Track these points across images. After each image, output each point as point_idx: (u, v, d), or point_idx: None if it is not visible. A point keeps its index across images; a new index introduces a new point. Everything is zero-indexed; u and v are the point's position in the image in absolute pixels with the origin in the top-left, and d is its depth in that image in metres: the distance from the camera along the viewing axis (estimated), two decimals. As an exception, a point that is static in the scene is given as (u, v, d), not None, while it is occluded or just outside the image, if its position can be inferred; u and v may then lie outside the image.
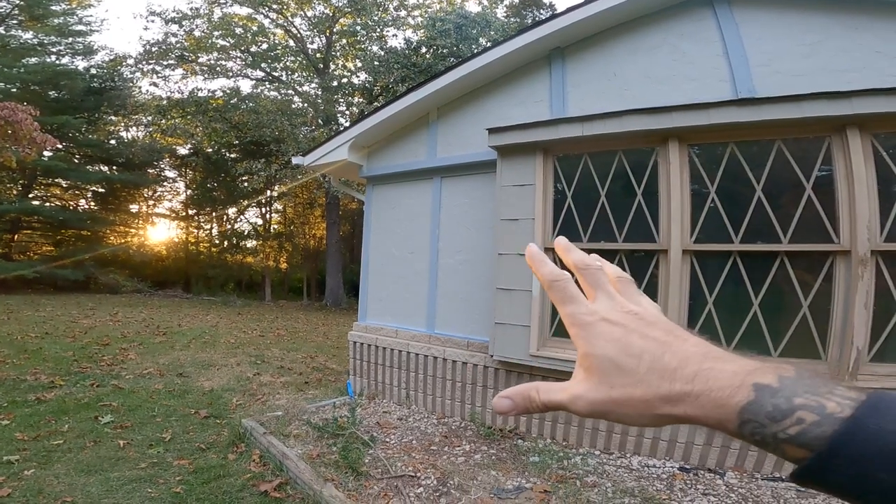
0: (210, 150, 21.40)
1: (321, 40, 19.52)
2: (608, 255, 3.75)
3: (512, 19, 21.58)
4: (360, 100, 18.40)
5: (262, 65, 19.25)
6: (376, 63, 16.97)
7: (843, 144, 3.09)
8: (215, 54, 18.66)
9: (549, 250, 3.98)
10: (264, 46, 18.99)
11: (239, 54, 18.96)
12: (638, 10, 3.96)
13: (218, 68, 18.88)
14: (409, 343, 4.83)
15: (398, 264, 5.15)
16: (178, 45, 18.19)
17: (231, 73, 19.29)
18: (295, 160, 5.86)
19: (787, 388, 0.30)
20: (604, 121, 3.64)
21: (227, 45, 18.42)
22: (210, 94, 18.83)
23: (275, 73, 19.74)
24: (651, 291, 3.55)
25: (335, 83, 18.52)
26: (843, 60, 3.31)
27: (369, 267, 5.45)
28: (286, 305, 19.14)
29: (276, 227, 26.40)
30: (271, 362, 7.16)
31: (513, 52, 4.29)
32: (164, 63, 18.53)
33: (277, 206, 25.90)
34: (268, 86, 20.12)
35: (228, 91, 18.81)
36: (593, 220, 3.83)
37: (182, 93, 19.02)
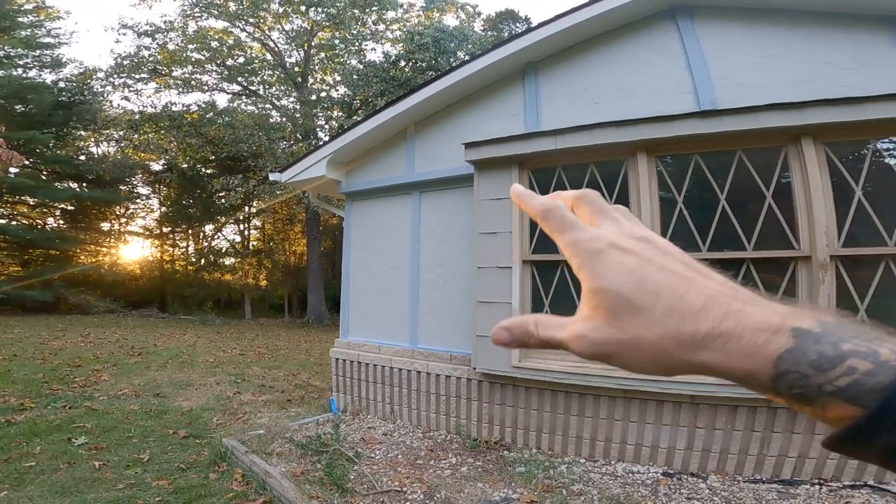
0: (185, 165, 21.03)
1: (299, 54, 19.54)
2: None
3: (489, 33, 22.04)
4: (340, 114, 18.44)
5: (239, 78, 19.11)
6: (355, 77, 17.09)
7: (798, 154, 3.26)
8: (190, 68, 18.43)
9: (527, 262, 4.06)
10: (241, 60, 18.88)
11: (214, 68, 18.78)
12: (605, 24, 4.13)
13: (193, 82, 18.65)
14: (393, 358, 4.82)
15: (379, 280, 5.16)
16: (150, 59, 17.92)
17: (206, 87, 19.09)
18: (272, 176, 5.85)
19: (832, 333, 0.26)
20: (575, 134, 3.76)
21: (203, 58, 18.23)
22: (185, 109, 18.53)
23: (252, 87, 19.61)
24: None
25: (314, 97, 18.54)
26: (800, 72, 3.51)
27: (350, 283, 5.44)
28: (267, 323, 18.82)
29: (255, 243, 26.06)
30: (252, 381, 7.04)
31: (488, 67, 4.40)
32: (137, 77, 18.18)
33: (256, 222, 25.60)
34: (245, 100, 19.99)
35: (204, 105, 18.53)
36: None
37: (155, 107, 18.69)
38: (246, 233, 26.16)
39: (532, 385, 3.97)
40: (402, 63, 17.09)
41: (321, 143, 5.39)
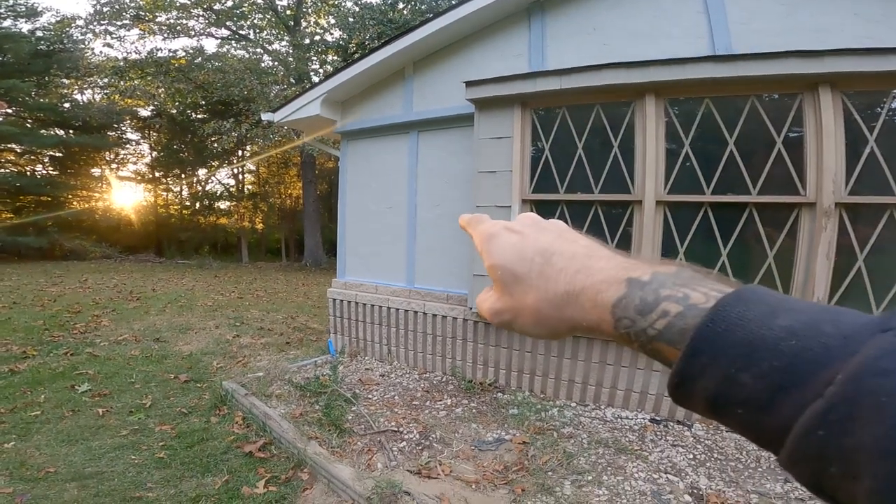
0: (174, 111, 20.26)
1: None
2: (584, 205, 3.78)
3: None
4: (335, 58, 17.52)
5: (228, 23, 17.98)
6: (351, 19, 16.06)
7: (814, 101, 3.11)
8: (175, 13, 17.26)
9: (527, 202, 3.96)
10: (229, 4, 17.64)
11: (201, 12, 17.59)
12: None
13: (178, 27, 17.53)
14: (389, 298, 4.83)
15: (376, 219, 5.09)
16: (132, 5, 16.76)
17: (194, 33, 17.98)
18: (265, 116, 5.62)
19: (657, 281, 0.28)
20: (582, 74, 3.57)
21: (188, 2, 17.02)
22: (171, 54, 17.62)
23: (241, 32, 18.50)
24: (625, 242, 3.62)
25: (307, 41, 17.54)
26: (821, 21, 3.29)
27: (346, 223, 5.37)
28: (264, 267, 18.91)
29: (249, 187, 25.65)
30: (251, 324, 7.12)
31: (491, 5, 4.12)
32: (119, 23, 17.12)
33: (250, 165, 25.04)
34: (234, 44, 18.92)
35: (192, 51, 17.62)
36: (570, 172, 3.82)
37: (140, 53, 17.76)
38: (240, 176, 25.64)
39: None
40: (401, 5, 16.00)
41: (315, 84, 5.11)
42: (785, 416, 0.22)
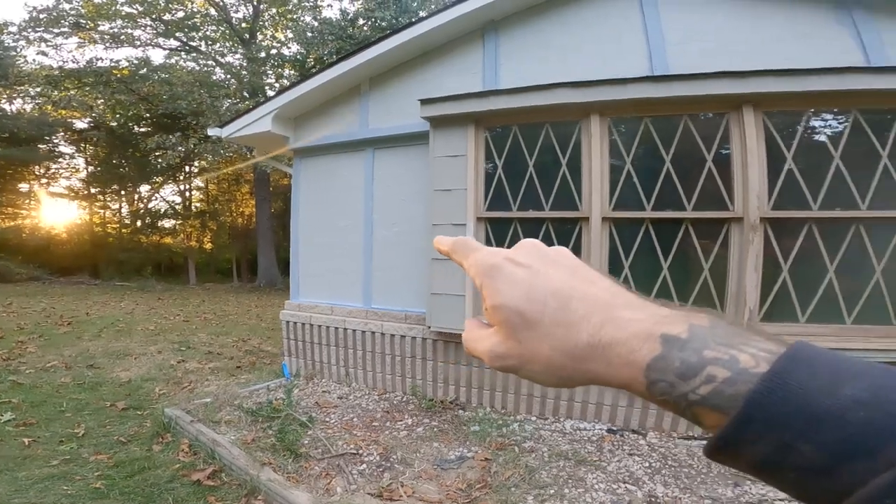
0: (114, 123, 19.26)
1: (247, 9, 18.05)
2: (535, 223, 3.93)
3: None
4: (292, 72, 17.38)
5: (178, 34, 17.44)
6: (309, 34, 16.05)
7: (739, 121, 3.41)
8: (120, 22, 16.57)
9: (482, 220, 4.04)
10: (180, 15, 17.16)
11: (149, 22, 17.00)
12: None
13: (123, 37, 16.84)
14: (346, 319, 4.75)
15: (331, 239, 5.05)
16: (73, 12, 15.97)
17: (139, 43, 17.32)
18: (211, 131, 5.48)
19: (698, 338, 0.26)
20: (531, 93, 3.74)
21: (135, 12, 16.41)
22: (113, 64, 16.82)
23: (192, 43, 17.99)
24: None
25: (263, 54, 17.30)
26: (751, 43, 3.64)
27: (299, 243, 5.30)
28: (214, 288, 18.11)
29: (198, 205, 24.62)
30: (198, 348, 6.79)
31: (446, 24, 4.28)
32: (56, 31, 16.22)
33: (199, 182, 24.12)
34: (184, 56, 18.35)
35: (137, 61, 16.88)
36: (522, 190, 3.97)
37: (77, 62, 16.87)
38: (188, 193, 24.58)
39: None
40: (361, 21, 16.15)
41: (267, 98, 5.04)
42: (847, 483, 0.21)
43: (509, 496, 2.70)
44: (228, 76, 17.50)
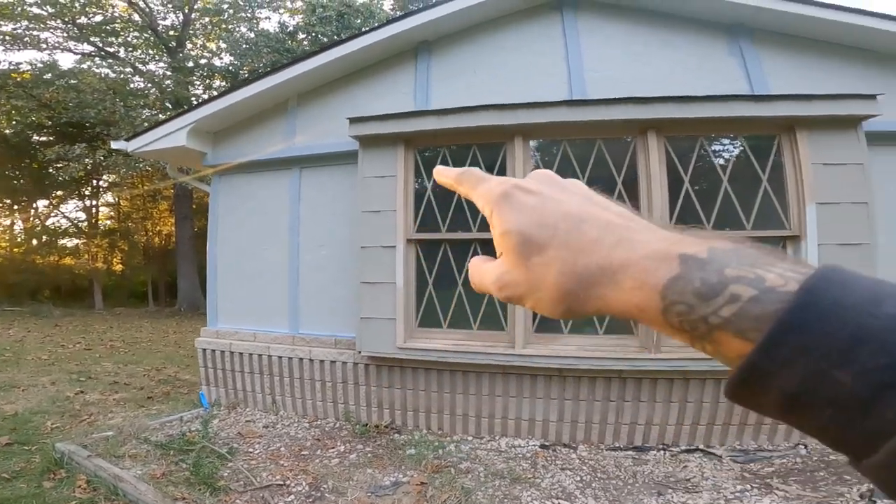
0: (9, 131, 17.24)
1: (177, 17, 17.18)
2: (464, 244, 4.02)
3: (398, 13, 21.51)
4: (223, 84, 16.67)
5: (93, 38, 16.14)
6: (244, 46, 15.52)
7: (644, 145, 3.73)
8: (25, 23, 15.06)
9: (412, 241, 4.04)
10: (97, 19, 15.94)
11: (60, 25, 15.61)
12: (498, 10, 4.33)
13: (27, 39, 15.28)
14: (271, 346, 4.55)
15: (253, 262, 4.84)
16: None
17: (46, 46, 15.80)
18: (115, 145, 5.11)
19: (719, 259, 0.24)
20: (459, 115, 3.87)
21: (45, 13, 14.99)
22: (12, 67, 15.18)
23: (109, 49, 16.73)
24: None
25: (191, 64, 16.47)
26: (657, 70, 4.02)
27: (217, 266, 5.01)
28: (125, 313, 16.59)
29: (109, 222, 22.56)
30: (101, 378, 6.17)
31: (379, 43, 4.35)
32: None
33: (109, 197, 22.15)
34: (98, 62, 16.97)
35: (41, 65, 15.31)
36: (451, 211, 4.05)
37: (-34, 63, 15.01)
38: (94, 210, 22.40)
39: (418, 366, 4.01)
40: (301, 35, 15.92)
41: (183, 111, 4.77)
42: (887, 420, 0.19)
43: (445, 520, 2.64)
44: (148, 85, 16.41)
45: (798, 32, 3.94)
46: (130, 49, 17.09)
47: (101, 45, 16.65)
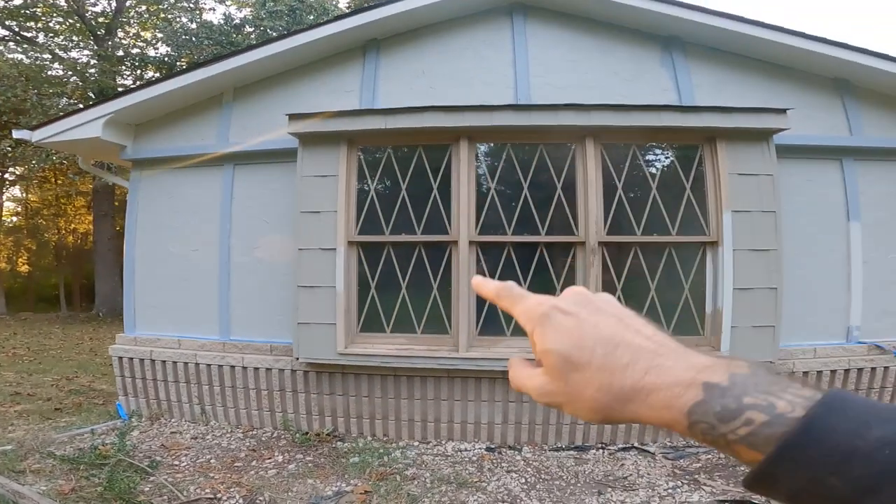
0: None
1: (109, 3, 15.85)
2: (408, 247, 4.00)
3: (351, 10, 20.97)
4: (156, 75, 15.55)
5: (9, 22, 14.55)
6: (184, 36, 14.54)
7: (583, 151, 3.89)
8: None
9: (353, 244, 3.94)
10: (16, 2, 14.38)
11: None
12: (450, 12, 4.35)
13: None
14: (198, 353, 4.32)
15: (178, 264, 4.54)
16: None
17: None
18: (18, 134, 4.61)
19: (738, 386, 0.29)
20: (405, 115, 3.84)
21: None
22: None
23: (26, 34, 15.14)
24: (446, 280, 3.92)
25: (121, 53, 15.24)
26: (595, 77, 4.19)
27: (136, 268, 4.65)
28: (32, 318, 15.14)
29: (15, 219, 20.33)
30: (0, 389, 5.43)
31: (325, 39, 4.23)
32: None
33: (15, 191, 19.96)
34: (13, 46, 15.32)
35: None
36: (395, 213, 4.02)
37: None
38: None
39: (361, 371, 3.93)
40: (249, 29, 15.13)
41: (98, 101, 4.38)
42: None
43: (391, 529, 2.56)
44: (69, 73, 15.00)
45: (727, 48, 4.22)
46: (52, 35, 15.57)
47: (17, 29, 15.06)
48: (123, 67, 15.59)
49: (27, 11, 14.60)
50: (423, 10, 4.21)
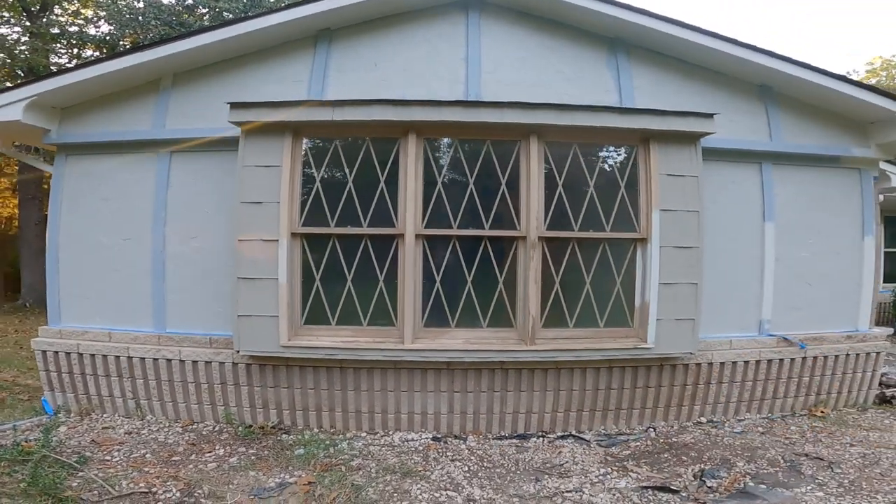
0: None
1: None
2: (354, 239, 4.03)
3: None
4: (96, 54, 14.43)
5: None
6: (128, 15, 13.55)
7: (527, 148, 4.03)
8: None
9: (297, 235, 3.95)
10: None
11: None
12: (405, 4, 4.34)
13: None
14: (130, 346, 4.19)
15: (108, 254, 4.36)
16: None
17: None
18: None
19: None
20: (354, 108, 3.84)
21: None
22: None
23: None
24: (392, 273, 3.99)
25: (56, 30, 14.04)
26: (540, 76, 4.34)
27: (60, 258, 4.42)
28: (-55, 311, 13.55)
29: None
30: None
31: (275, 27, 4.13)
32: None
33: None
34: None
35: None
36: (340, 206, 4.04)
37: None
38: None
39: (306, 364, 3.95)
40: (203, 10, 14.26)
41: (20, 83, 4.12)
42: None
43: (334, 518, 2.59)
44: (-5, 49, 13.69)
45: (668, 51, 4.44)
46: (-21, 10, 14.14)
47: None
48: (59, 45, 14.42)
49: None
50: (380, 1, 4.21)
